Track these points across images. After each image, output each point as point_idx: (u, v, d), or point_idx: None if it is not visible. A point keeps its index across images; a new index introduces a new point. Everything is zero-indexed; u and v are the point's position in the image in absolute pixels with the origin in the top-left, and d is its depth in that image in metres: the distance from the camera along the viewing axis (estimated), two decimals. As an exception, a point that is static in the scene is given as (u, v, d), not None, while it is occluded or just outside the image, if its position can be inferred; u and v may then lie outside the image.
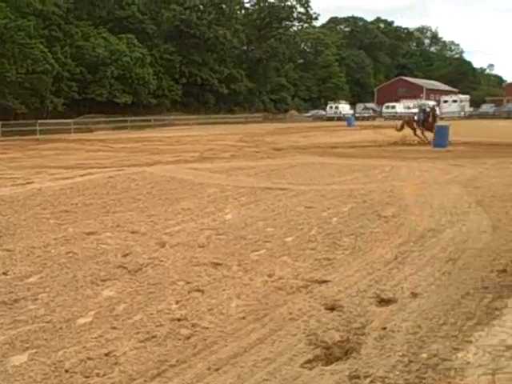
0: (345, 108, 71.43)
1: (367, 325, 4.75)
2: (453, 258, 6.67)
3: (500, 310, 5.01)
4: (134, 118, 52.73)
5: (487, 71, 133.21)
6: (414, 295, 5.43)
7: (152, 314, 5.05)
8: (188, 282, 5.90)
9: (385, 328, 4.65)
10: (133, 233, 8.21)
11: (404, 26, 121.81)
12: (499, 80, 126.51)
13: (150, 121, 53.73)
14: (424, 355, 4.17)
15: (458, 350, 4.24)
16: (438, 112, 25.49)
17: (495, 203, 10.18)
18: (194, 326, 4.78)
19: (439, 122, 27.73)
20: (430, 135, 24.59)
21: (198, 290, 5.66)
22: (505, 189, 11.77)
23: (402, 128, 26.22)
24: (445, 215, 9.16)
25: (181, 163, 17.81)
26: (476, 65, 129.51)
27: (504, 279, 5.87)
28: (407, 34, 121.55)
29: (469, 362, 4.06)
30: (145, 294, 5.56)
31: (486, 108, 76.83)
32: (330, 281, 5.89)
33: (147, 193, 11.88)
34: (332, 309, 5.10)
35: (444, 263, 6.50)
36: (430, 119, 25.28)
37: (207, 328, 4.73)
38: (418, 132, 25.48)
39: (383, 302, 5.29)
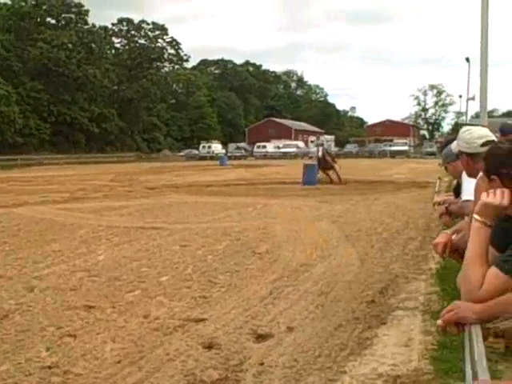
0: (217, 147, 72.71)
1: (245, 361, 4.75)
2: (325, 292, 6.89)
3: (371, 340, 5.21)
4: (-2, 157, 50.29)
5: (350, 113, 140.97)
6: (290, 329, 5.52)
7: (20, 363, 4.74)
8: (59, 328, 5.63)
9: (262, 363, 4.68)
10: (-3, 278, 7.74)
11: (272, 70, 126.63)
12: (361, 121, 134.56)
13: (16, 160, 51.37)
14: (301, 388, 4.24)
15: (333, 381, 4.35)
16: (320, 153, 26.34)
17: (362, 237, 10.69)
18: (66, 373, 4.54)
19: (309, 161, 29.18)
20: (334, 174, 25.55)
21: (70, 335, 5.41)
22: (370, 223, 12.42)
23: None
24: (316, 250, 9.46)
25: (50, 204, 17.13)
26: (340, 107, 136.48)
27: (373, 309, 6.14)
28: (275, 77, 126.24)
29: (343, 392, 4.18)
30: (12, 343, 5.23)
31: (350, 148, 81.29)
32: (206, 319, 5.86)
33: (14, 235, 11.28)
34: (209, 347, 5.07)
35: (317, 296, 6.69)
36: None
37: (81, 374, 4.52)
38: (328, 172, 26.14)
39: (260, 337, 5.33)
